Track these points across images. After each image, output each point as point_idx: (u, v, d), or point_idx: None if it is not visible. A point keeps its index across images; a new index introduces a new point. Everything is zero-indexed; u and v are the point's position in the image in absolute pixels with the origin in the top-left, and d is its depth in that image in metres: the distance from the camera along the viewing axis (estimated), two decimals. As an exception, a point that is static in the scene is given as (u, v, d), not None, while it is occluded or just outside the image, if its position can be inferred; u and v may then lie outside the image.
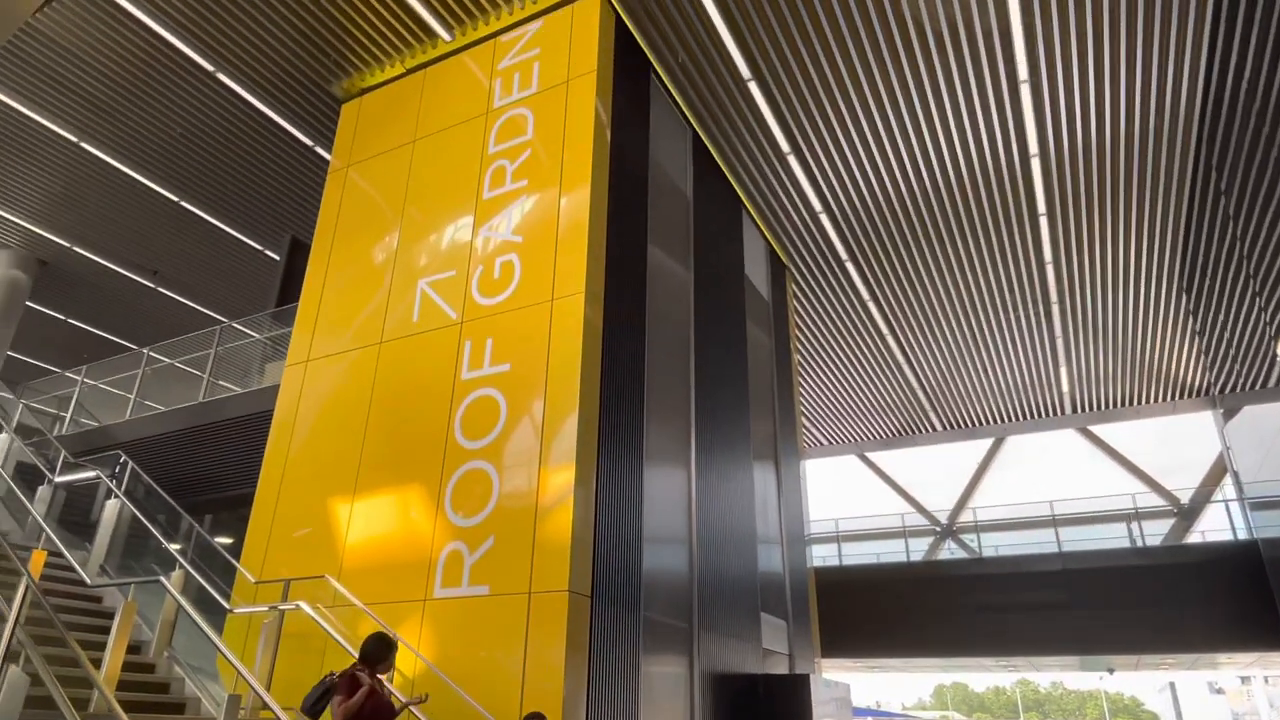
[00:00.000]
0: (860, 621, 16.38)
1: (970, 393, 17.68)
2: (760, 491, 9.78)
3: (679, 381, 7.95)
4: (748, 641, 8.48)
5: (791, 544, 10.67)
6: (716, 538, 8.15)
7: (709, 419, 8.42)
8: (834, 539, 19.18)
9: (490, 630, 5.53)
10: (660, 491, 7.05)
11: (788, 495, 10.92)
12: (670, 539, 7.15)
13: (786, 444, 11.40)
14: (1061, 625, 14.70)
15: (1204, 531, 16.27)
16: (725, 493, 8.59)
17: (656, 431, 7.17)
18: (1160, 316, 14.12)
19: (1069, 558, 15.39)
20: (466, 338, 6.79)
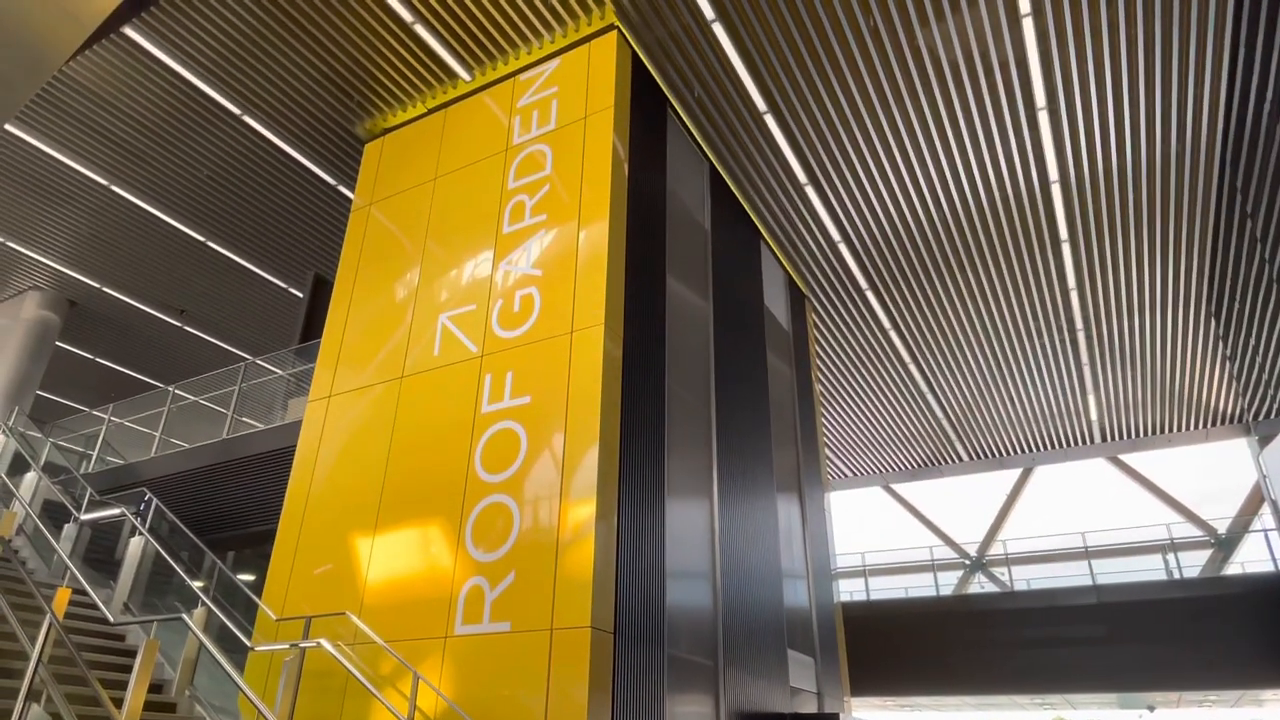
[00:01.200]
0: (889, 658, 15.99)
1: (996, 422, 17.41)
2: (784, 524, 9.63)
3: (700, 413, 7.89)
4: (775, 680, 8.27)
5: (818, 578, 10.46)
6: (740, 572, 8.00)
7: (731, 451, 8.34)
8: (861, 573, 18.85)
9: (512, 668, 5.44)
10: (683, 525, 6.96)
11: (813, 528, 10.74)
12: (694, 573, 7.04)
13: (810, 475, 11.24)
14: (1098, 660, 14.25)
15: (1243, 563, 15.77)
16: (749, 526, 8.46)
17: (678, 464, 7.10)
18: (1189, 342, 13.87)
19: (1104, 590, 14.96)
20: (487, 371, 6.79)
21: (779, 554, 9.11)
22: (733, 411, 8.65)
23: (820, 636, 10.05)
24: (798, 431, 11.20)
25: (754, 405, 9.52)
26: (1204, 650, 13.50)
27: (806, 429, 11.67)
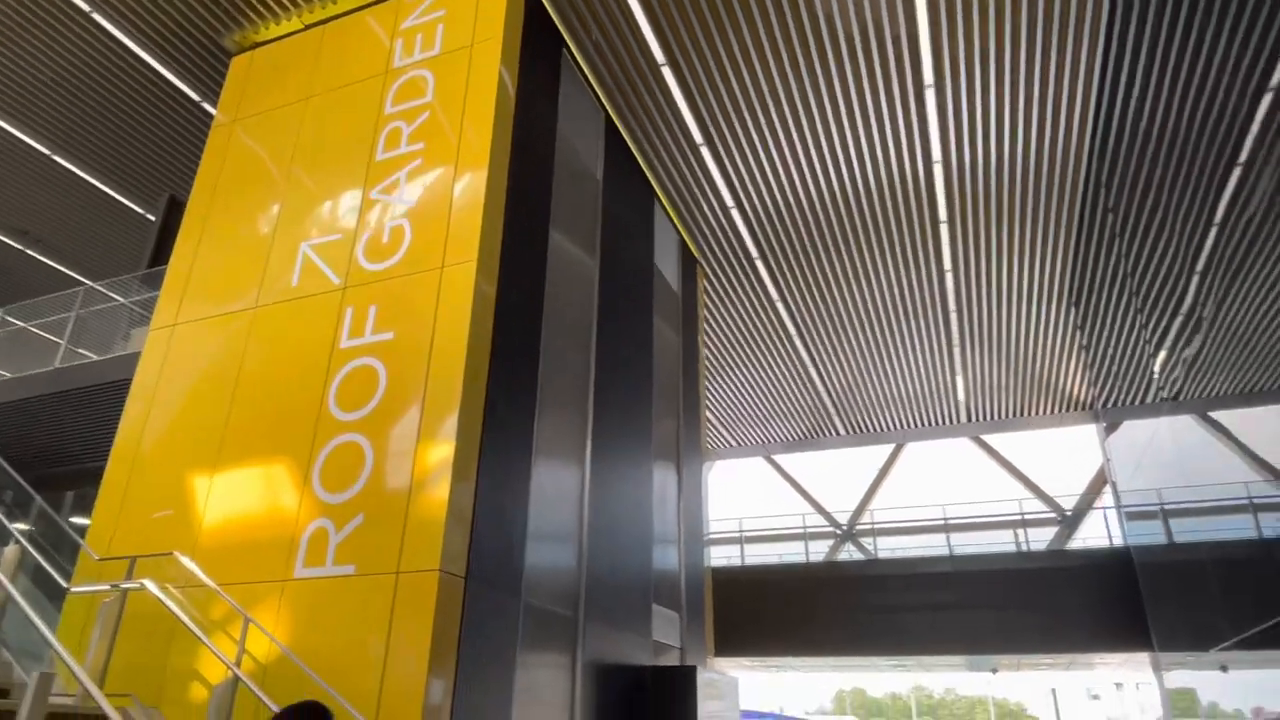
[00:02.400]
0: (760, 620, 16.50)
1: (873, 399, 18.11)
2: (659, 490, 9.65)
3: (578, 371, 7.72)
4: (638, 634, 8.30)
5: (689, 543, 10.57)
6: (609, 531, 7.95)
7: (609, 412, 8.23)
8: (737, 540, 19.33)
9: (354, 612, 5.16)
10: (550, 477, 6.81)
11: (688, 496, 10.82)
12: (558, 525, 6.91)
13: (689, 444, 11.31)
14: (951, 625, 15.16)
15: (1085, 539, 17.09)
16: (621, 489, 8.41)
17: (551, 419, 6.93)
18: (1050, 330, 14.78)
19: (958, 560, 15.90)
20: (348, 304, 6.38)
21: (651, 518, 9.12)
22: (614, 373, 8.53)
23: (688, 596, 10.18)
24: (680, 399, 11.22)
25: (637, 369, 9.44)
26: (1046, 617, 14.58)
27: (690, 397, 11.72)
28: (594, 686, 7.10)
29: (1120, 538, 15.71)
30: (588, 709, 6.91)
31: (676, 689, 7.96)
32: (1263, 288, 7.83)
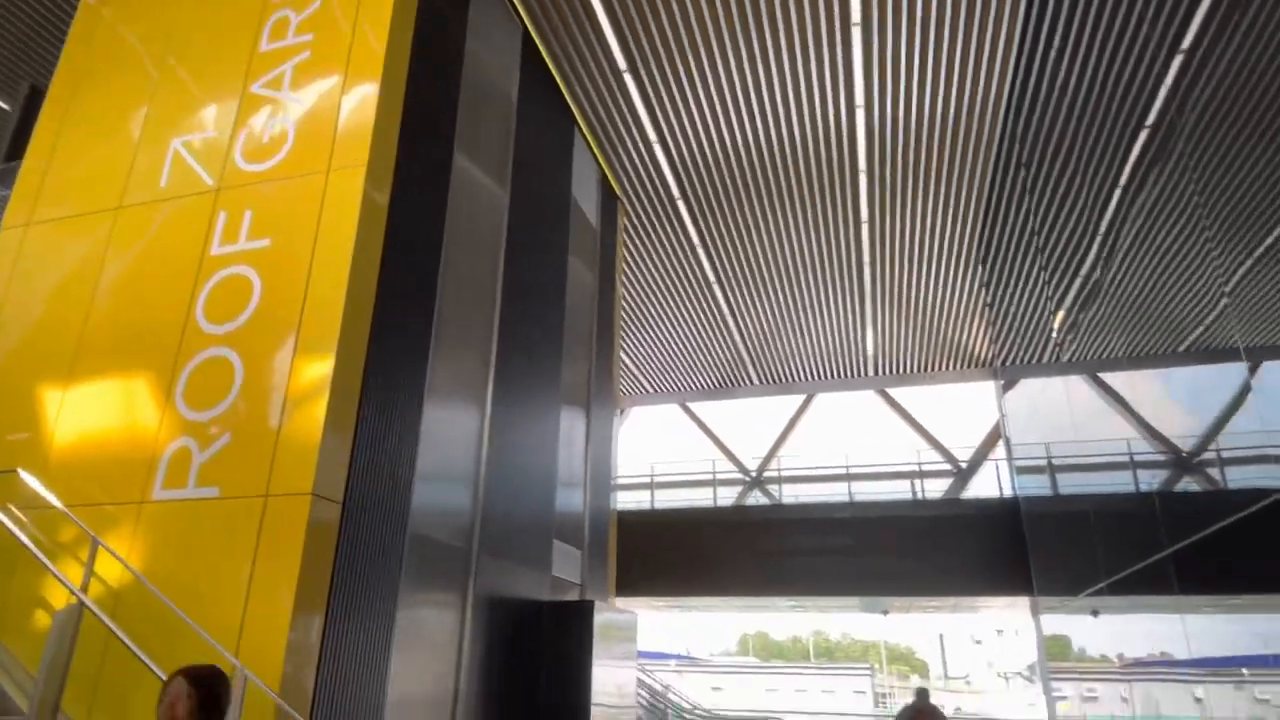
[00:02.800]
0: (665, 562, 16.71)
1: (787, 351, 18.32)
2: (567, 435, 9.43)
3: (482, 307, 7.34)
4: (536, 569, 8.15)
5: (596, 487, 10.44)
6: (510, 471, 7.70)
7: (514, 352, 7.89)
8: (648, 486, 19.45)
9: (216, 538, 4.78)
10: (446, 412, 6.48)
11: (597, 441, 10.65)
12: (453, 461, 6.62)
13: (601, 390, 11.09)
14: (849, 568, 15.71)
15: (977, 490, 17.88)
16: (525, 430, 8.14)
17: (449, 352, 6.57)
18: (958, 288, 15.15)
19: (858, 507, 16.43)
20: (222, 207, 5.82)
21: (555, 461, 8.91)
22: (522, 311, 8.17)
23: (591, 537, 10.10)
24: (594, 342, 10.95)
25: (547, 308, 9.10)
26: (938, 562, 15.26)
27: (604, 341, 11.46)
28: (486, 622, 6.93)
29: (1010, 489, 16.52)
30: (479, 645, 6.74)
31: (573, 623, 7.88)
32: (1155, 254, 8.06)
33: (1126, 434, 9.65)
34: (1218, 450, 7.14)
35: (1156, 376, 8.72)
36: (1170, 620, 8.52)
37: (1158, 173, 7.76)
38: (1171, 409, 8.23)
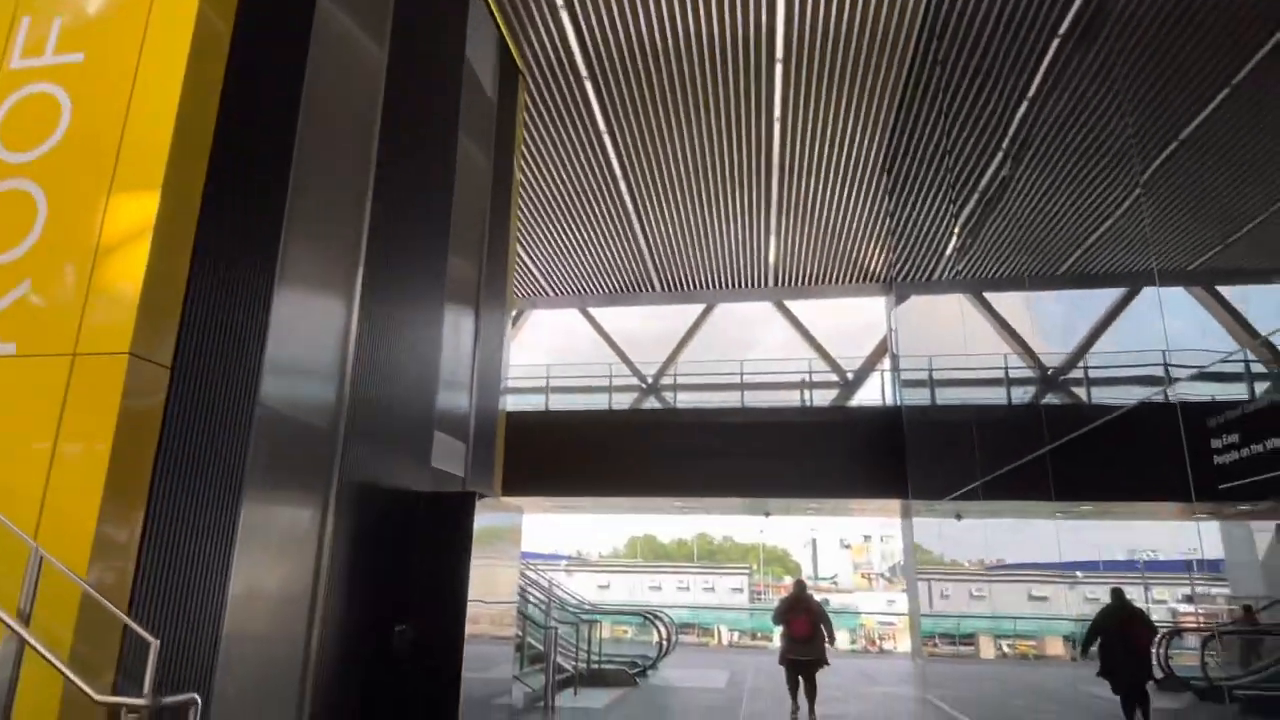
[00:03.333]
0: (557, 462, 16.58)
1: (692, 256, 18.02)
2: (453, 329, 8.83)
3: (350, 184, 6.51)
4: (414, 458, 7.69)
5: (484, 386, 9.94)
6: (385, 356, 7.09)
7: (390, 240, 7.15)
8: (544, 390, 19.09)
9: (12, 403, 4.05)
10: (305, 277, 5.78)
11: (487, 341, 10.09)
12: (313, 328, 5.96)
13: (493, 288, 10.43)
14: (738, 471, 16.04)
15: (863, 399, 18.43)
16: (403, 316, 7.49)
17: (310, 220, 5.80)
18: (861, 199, 15.12)
19: (748, 412, 16.69)
20: (24, 13, 4.77)
21: (439, 354, 8.33)
22: (400, 190, 7.38)
23: (478, 434, 9.68)
24: (486, 234, 10.21)
25: (431, 189, 8.30)
26: (821, 466, 15.78)
27: (498, 233, 10.72)
28: (354, 512, 6.46)
29: (893, 399, 17.12)
30: (344, 537, 6.28)
31: (452, 515, 7.51)
32: (1049, 174, 8.03)
33: (1003, 350, 9.89)
34: (1084, 368, 7.35)
35: (1035, 298, 8.93)
36: (1017, 526, 9.03)
37: (1063, 87, 7.63)
38: (1045, 329, 8.48)
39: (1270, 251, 4.19)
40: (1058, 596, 7.70)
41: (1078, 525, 7.26)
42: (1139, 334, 5.66)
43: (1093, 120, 6.70)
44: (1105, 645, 5.78)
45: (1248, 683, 4.24)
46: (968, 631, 11.84)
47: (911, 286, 16.00)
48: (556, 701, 9.88)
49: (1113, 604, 5.61)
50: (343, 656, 6.27)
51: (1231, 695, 4.29)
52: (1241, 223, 4.46)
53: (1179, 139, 5.24)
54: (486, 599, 7.97)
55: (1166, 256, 5.37)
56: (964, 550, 11.59)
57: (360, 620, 6.65)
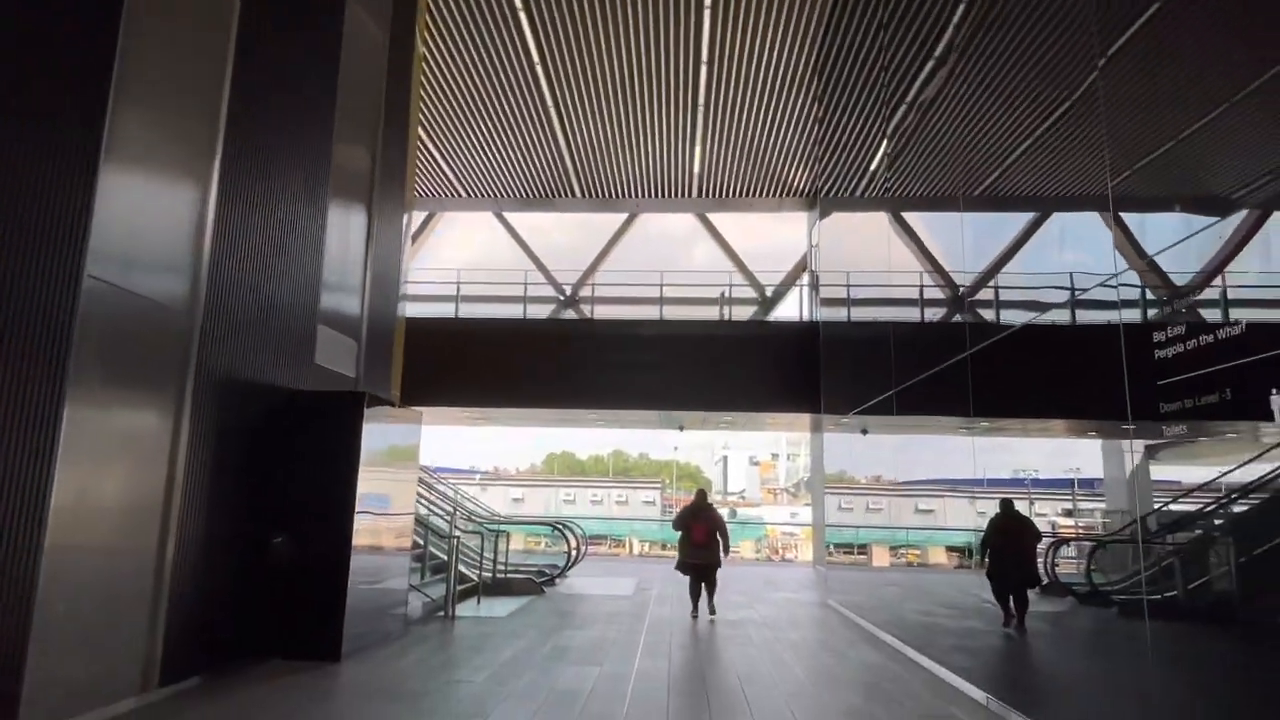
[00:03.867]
0: (472, 373, 15.97)
1: (614, 162, 17.21)
2: (341, 227, 8.00)
3: (203, 55, 5.55)
4: (292, 353, 6.99)
5: (380, 287, 9.19)
6: (254, 243, 6.29)
7: (257, 122, 6.23)
8: (454, 298, 18.20)
9: None
10: (144, 145, 4.91)
11: (383, 240, 9.26)
12: (158, 199, 5.14)
13: (390, 183, 9.54)
14: (652, 384, 15.81)
15: (781, 316, 18.36)
16: (274, 204, 6.65)
17: (150, 85, 4.88)
18: (789, 111, 14.58)
19: (665, 325, 16.37)
20: None
21: (321, 258, 7.54)
22: (268, 72, 6.40)
23: (373, 337, 8.98)
24: (381, 121, 9.23)
25: (309, 71, 7.30)
26: (738, 381, 15.71)
27: (396, 121, 9.74)
28: (218, 412, 5.79)
29: (811, 316, 17.09)
30: (206, 442, 5.63)
31: (337, 415, 6.91)
32: (975, 91, 7.68)
33: (918, 269, 9.78)
34: (995, 287, 7.26)
35: (954, 217, 8.85)
36: (914, 444, 9.17)
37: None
38: (959, 249, 8.42)
39: (1166, 181, 4.20)
40: (948, 510, 8.07)
41: (969, 443, 7.56)
42: (1047, 257, 5.76)
43: (1024, 34, 6.35)
44: (993, 551, 6.14)
45: (1124, 588, 4.46)
46: (864, 541, 12.17)
47: (835, 202, 15.74)
48: (457, 611, 9.62)
49: (1001, 513, 5.87)
50: (208, 570, 5.72)
51: (1111, 599, 4.58)
52: (1148, 151, 4.39)
53: (1106, 57, 4.96)
54: (378, 509, 7.49)
55: (1077, 183, 5.33)
56: (866, 465, 11.75)
57: (230, 531, 6.07)
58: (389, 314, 9.62)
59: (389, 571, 7.88)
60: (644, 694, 5.78)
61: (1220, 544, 3.82)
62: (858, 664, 7.29)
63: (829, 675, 6.78)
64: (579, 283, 19.42)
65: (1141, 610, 4.10)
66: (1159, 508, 4.31)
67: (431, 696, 5.60)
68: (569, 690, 5.80)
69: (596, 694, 5.72)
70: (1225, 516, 3.74)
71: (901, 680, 6.62)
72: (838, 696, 6.01)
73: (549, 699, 5.50)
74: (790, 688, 6.15)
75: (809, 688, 6.24)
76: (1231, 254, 3.80)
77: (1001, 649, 6.36)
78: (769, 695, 5.86)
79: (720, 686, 6.13)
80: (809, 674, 6.79)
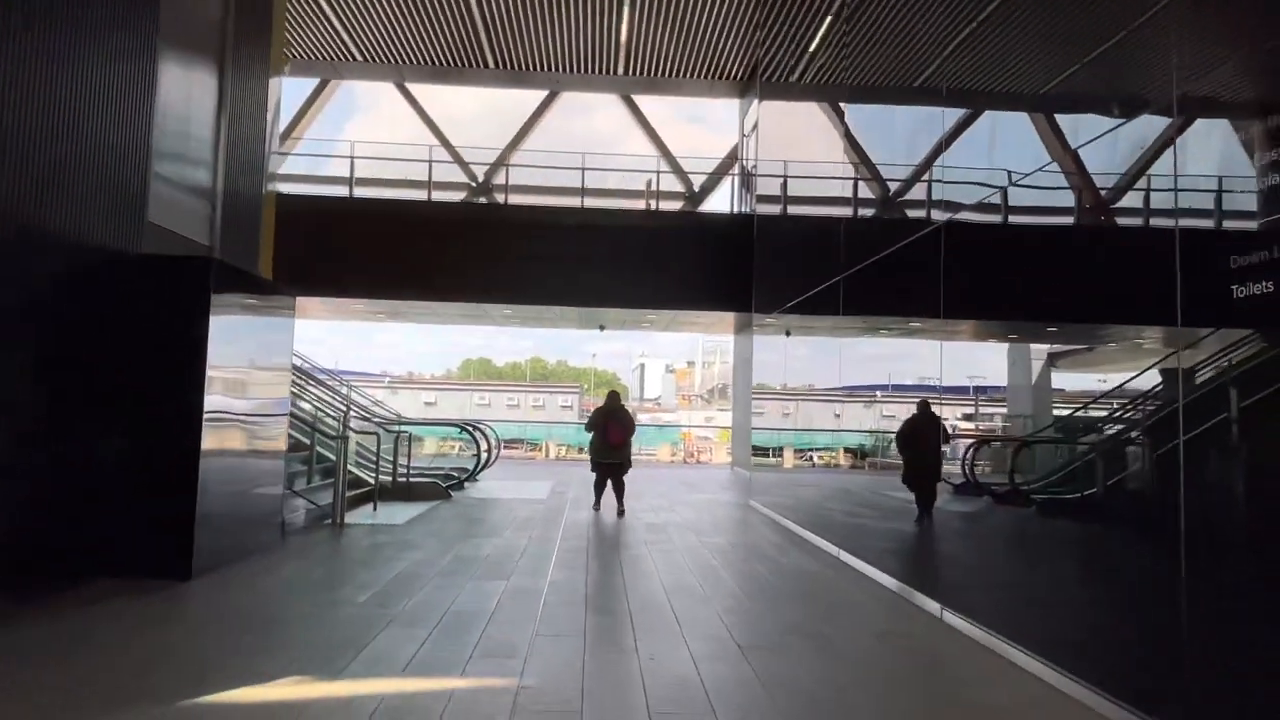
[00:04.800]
0: (369, 261, 14.43)
1: (532, 30, 15.34)
2: (179, 93, 6.36)
3: None
4: (111, 207, 5.55)
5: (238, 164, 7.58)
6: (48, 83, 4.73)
7: None
8: (348, 180, 16.26)
9: None
10: None
11: (242, 108, 7.59)
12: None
13: (250, 40, 7.78)
14: (572, 279, 14.66)
15: (711, 209, 17.24)
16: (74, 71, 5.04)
17: None
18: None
19: (588, 214, 15.10)
20: None
21: (149, 124, 5.96)
22: None
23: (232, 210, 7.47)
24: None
25: None
26: (663, 277, 14.74)
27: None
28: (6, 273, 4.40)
29: (743, 207, 16.09)
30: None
31: (175, 282, 5.55)
32: None
33: (852, 160, 9.03)
34: (929, 182, 6.67)
35: (881, 111, 8.24)
36: (829, 350, 9.05)
37: None
38: (890, 143, 7.95)
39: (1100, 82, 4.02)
40: (852, 412, 8.47)
41: (875, 351, 7.80)
42: (976, 153, 5.55)
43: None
44: (908, 447, 6.39)
45: (1039, 486, 4.66)
46: (780, 444, 11.71)
47: (772, 88, 14.54)
48: (348, 519, 8.58)
49: (917, 413, 5.98)
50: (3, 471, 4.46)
51: (1029, 498, 4.68)
52: (1082, 56, 4.15)
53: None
54: (242, 403, 6.25)
55: (1015, 80, 5.10)
56: (786, 369, 11.09)
57: (34, 422, 4.78)
58: (254, 185, 8.07)
59: (258, 476, 6.72)
60: (556, 613, 4.93)
61: (1132, 444, 3.87)
62: (794, 571, 6.69)
63: (764, 586, 6.13)
64: (493, 166, 17.73)
65: (1064, 508, 4.33)
66: (1072, 413, 4.40)
67: (293, 625, 4.59)
68: (468, 611, 4.90)
69: (500, 615, 4.84)
70: (1135, 421, 3.74)
71: (841, 590, 6.03)
72: (778, 611, 5.33)
73: (444, 624, 4.59)
74: (725, 601, 5.44)
75: (745, 601, 5.55)
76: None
77: (944, 554, 5.83)
78: (701, 610, 5.12)
79: (645, 601, 5.35)
80: (742, 584, 6.11)
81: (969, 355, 5.69)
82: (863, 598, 5.75)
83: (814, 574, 6.62)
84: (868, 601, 5.64)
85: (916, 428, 6.04)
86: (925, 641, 4.67)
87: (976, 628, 4.61)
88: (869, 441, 7.91)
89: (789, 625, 4.89)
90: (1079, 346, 4.31)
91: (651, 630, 4.59)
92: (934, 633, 4.83)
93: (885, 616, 5.24)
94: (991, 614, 4.57)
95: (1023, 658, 4.07)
